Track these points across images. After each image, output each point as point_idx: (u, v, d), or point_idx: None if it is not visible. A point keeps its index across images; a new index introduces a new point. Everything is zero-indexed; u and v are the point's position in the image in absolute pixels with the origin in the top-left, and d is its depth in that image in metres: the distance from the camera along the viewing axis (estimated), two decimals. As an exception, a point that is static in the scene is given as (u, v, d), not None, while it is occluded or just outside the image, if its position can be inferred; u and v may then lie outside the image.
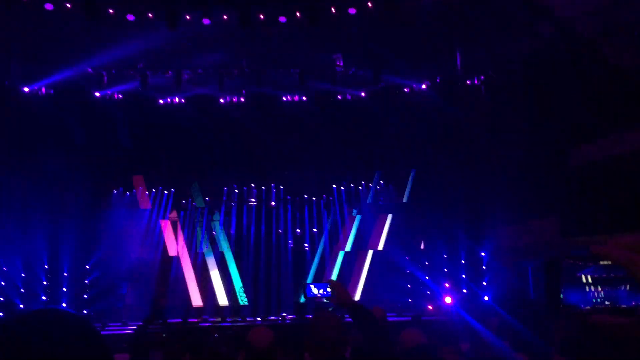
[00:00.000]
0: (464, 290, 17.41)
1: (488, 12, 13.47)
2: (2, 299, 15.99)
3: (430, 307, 17.82)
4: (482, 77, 16.92)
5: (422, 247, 19.57)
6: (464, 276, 17.60)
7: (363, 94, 18.19)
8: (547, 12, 12.89)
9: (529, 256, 15.95)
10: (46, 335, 1.09)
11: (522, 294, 15.94)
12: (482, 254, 17.29)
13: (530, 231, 16.00)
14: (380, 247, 20.06)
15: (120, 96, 17.59)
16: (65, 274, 17.50)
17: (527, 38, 13.69)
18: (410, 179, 20.06)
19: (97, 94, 17.09)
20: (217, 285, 19.64)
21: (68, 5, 12.58)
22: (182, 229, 20.14)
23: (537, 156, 15.51)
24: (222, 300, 19.50)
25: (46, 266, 17.25)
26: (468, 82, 16.83)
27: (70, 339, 1.10)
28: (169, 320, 17.20)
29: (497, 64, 15.76)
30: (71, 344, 1.10)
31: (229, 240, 20.15)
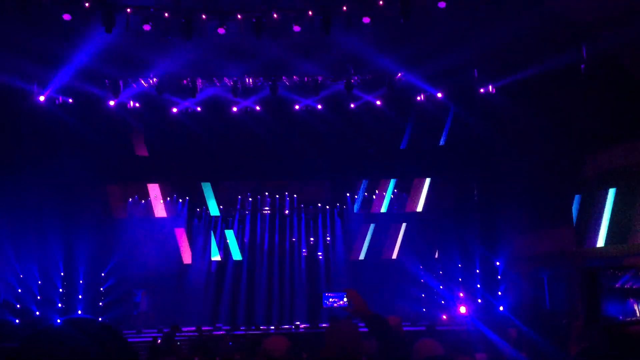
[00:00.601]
0: (479, 300, 17.28)
1: (502, 16, 13.38)
2: (18, 305, 16.14)
3: (444, 317, 17.69)
4: (497, 85, 16.82)
5: (436, 256, 19.47)
6: (478, 286, 17.47)
7: (378, 102, 18.11)
8: (562, 20, 12.82)
9: (544, 266, 15.82)
10: (79, 344, 1.11)
11: (539, 304, 15.79)
12: (497, 263, 17.15)
13: (545, 240, 15.88)
14: (394, 256, 19.99)
15: (137, 104, 17.69)
16: (81, 282, 17.63)
17: (543, 46, 13.61)
18: (425, 187, 20.00)
19: (112, 103, 17.17)
20: (231, 293, 19.68)
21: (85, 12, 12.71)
22: (197, 237, 20.22)
23: (552, 165, 15.41)
24: (236, 307, 19.55)
25: (62, 273, 17.39)
26: (482, 90, 16.74)
27: (101, 346, 1.12)
28: (183, 328, 17.26)
29: (512, 71, 15.66)
30: (103, 351, 1.12)
31: (243, 249, 20.21)
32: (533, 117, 15.32)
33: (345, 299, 3.45)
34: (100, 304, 18.17)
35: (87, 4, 12.64)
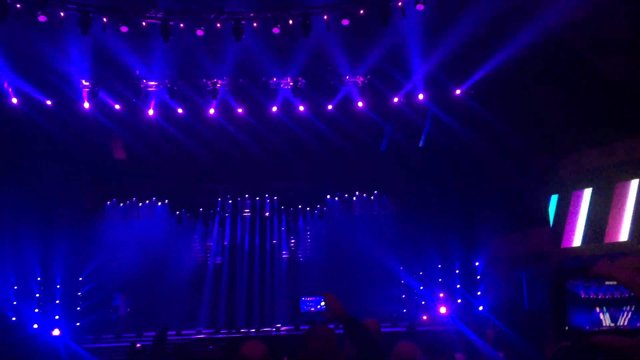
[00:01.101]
0: (459, 300, 17.42)
1: (478, 18, 13.53)
2: (-6, 311, 15.88)
3: (425, 317, 17.80)
4: (472, 87, 16.97)
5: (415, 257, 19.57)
6: (458, 286, 17.61)
7: (360, 104, 18.12)
8: (536, 21, 12.99)
9: (523, 266, 16.01)
10: None
11: (517, 303, 15.97)
12: (477, 263, 17.32)
13: (523, 241, 16.08)
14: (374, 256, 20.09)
15: (118, 107, 17.49)
16: (58, 286, 17.41)
17: (517, 46, 13.78)
18: (404, 189, 20.11)
19: (87, 105, 16.90)
20: (211, 296, 19.61)
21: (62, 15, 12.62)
22: (177, 239, 20.09)
23: (529, 166, 15.62)
24: (217, 311, 19.49)
25: (39, 278, 17.15)
26: (457, 91, 16.86)
27: None
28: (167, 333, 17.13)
29: (493, 72, 15.82)
30: None
31: (223, 251, 20.13)
32: (509, 119, 15.50)
33: (322, 303, 3.47)
34: (78, 308, 17.97)
35: (62, 13, 12.54)
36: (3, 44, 13.66)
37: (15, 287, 16.52)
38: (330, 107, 18.06)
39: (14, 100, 16.01)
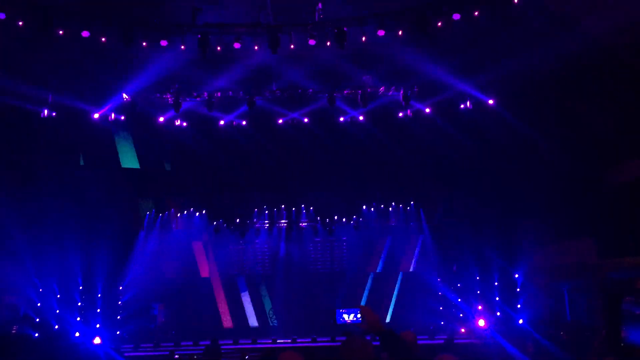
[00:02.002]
0: (498, 313, 17.07)
1: (516, 27, 13.37)
2: (38, 319, 16.28)
3: (462, 330, 17.49)
4: (510, 93, 16.74)
5: (454, 269, 19.29)
6: (497, 298, 17.26)
7: (402, 114, 18.02)
8: (577, 28, 12.74)
9: (564, 278, 15.60)
10: None
11: (559, 317, 15.56)
12: (516, 275, 16.94)
13: (565, 252, 15.67)
14: (412, 268, 19.87)
15: (162, 119, 17.84)
16: (99, 295, 17.76)
17: (558, 54, 13.53)
18: (442, 199, 19.89)
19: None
20: (247, 306, 19.71)
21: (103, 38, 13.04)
22: (214, 250, 20.30)
23: (572, 175, 15.23)
24: (253, 321, 19.56)
25: (81, 287, 17.53)
26: (490, 101, 16.64)
27: None
28: (200, 342, 17.29)
29: (530, 81, 15.58)
30: None
31: (260, 261, 20.23)
32: (554, 127, 15.20)
33: (359, 315, 3.43)
34: (118, 317, 18.29)
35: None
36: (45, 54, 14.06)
37: (58, 296, 16.92)
38: (361, 118, 18.10)
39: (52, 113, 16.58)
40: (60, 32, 12.77)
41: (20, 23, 12.43)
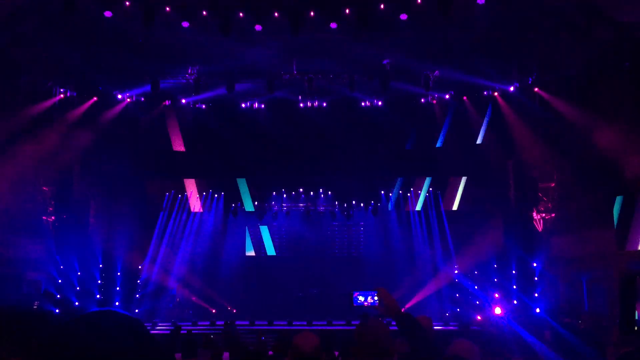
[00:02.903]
0: (515, 302, 16.97)
1: (544, 17, 13.17)
2: (58, 296, 16.57)
3: (479, 318, 17.44)
4: (537, 83, 16.53)
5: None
6: (514, 287, 17.15)
7: (424, 100, 17.93)
8: (607, 18, 12.50)
9: (583, 268, 15.44)
10: (102, 336, 1.13)
11: (577, 307, 15.43)
12: (534, 264, 16.81)
13: (584, 242, 15.48)
14: (429, 254, 19.82)
15: (184, 101, 17.97)
16: (119, 273, 18.02)
17: (585, 44, 13.30)
18: (460, 186, 19.77)
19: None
20: (264, 288, 19.84)
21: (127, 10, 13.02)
22: (232, 232, 20.43)
23: (592, 165, 15.00)
24: (269, 302, 19.74)
25: (101, 265, 17.79)
26: (510, 88, 16.46)
27: (124, 340, 1.15)
28: (217, 322, 17.49)
29: (554, 70, 15.36)
30: (125, 345, 1.14)
31: (277, 244, 20.33)
32: (577, 116, 14.97)
33: (376, 298, 3.42)
34: (137, 295, 18.55)
35: (127, 3, 12.91)
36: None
37: (79, 273, 17.19)
38: (380, 103, 18.00)
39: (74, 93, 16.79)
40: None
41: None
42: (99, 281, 17.75)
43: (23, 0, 12.40)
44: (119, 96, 17.19)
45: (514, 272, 17.26)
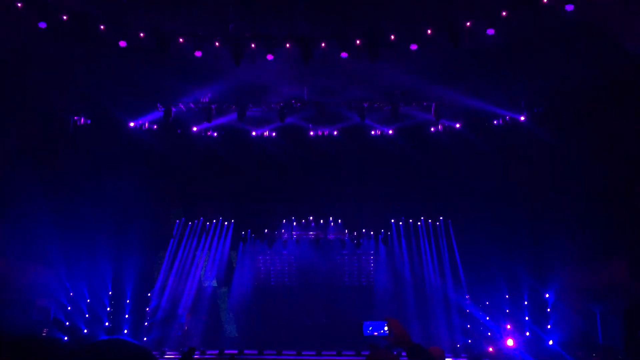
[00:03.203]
0: (527, 333, 16.71)
1: (551, 42, 13.25)
2: (67, 323, 16.54)
3: (490, 349, 17.16)
4: (542, 109, 16.55)
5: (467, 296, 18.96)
6: (527, 318, 16.91)
7: (433, 129, 18.03)
8: (613, 44, 12.54)
9: (596, 299, 15.21)
10: None
11: (591, 339, 15.16)
12: (547, 295, 16.58)
13: (598, 272, 15.29)
14: (439, 284, 19.62)
15: (195, 129, 18.17)
16: (128, 301, 17.97)
17: (592, 70, 13.33)
18: (472, 215, 19.67)
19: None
20: (273, 316, 19.70)
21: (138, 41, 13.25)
22: (242, 259, 20.37)
23: (605, 194, 14.89)
24: (278, 331, 19.54)
25: (110, 292, 17.77)
26: (521, 117, 16.50)
27: None
28: (225, 351, 17.33)
29: (561, 94, 15.37)
30: None
31: (287, 272, 20.23)
32: (586, 144, 14.94)
33: (385, 328, 3.38)
34: (146, 323, 18.46)
35: (141, 34, 13.16)
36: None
37: (88, 300, 17.17)
38: (390, 131, 18.07)
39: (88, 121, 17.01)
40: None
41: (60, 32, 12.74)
42: (108, 308, 17.71)
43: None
44: (131, 124, 17.38)
45: (526, 302, 17.04)
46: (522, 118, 16.74)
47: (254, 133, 18.39)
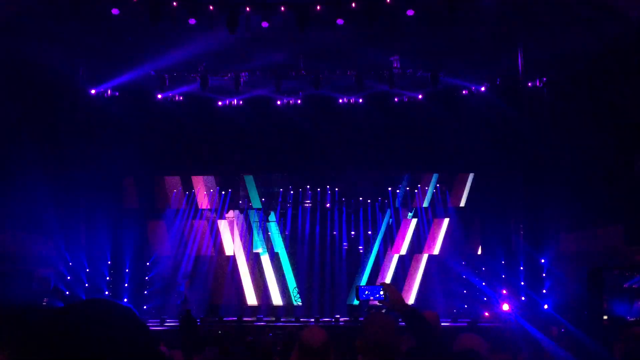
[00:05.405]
0: (523, 298, 16.93)
1: (551, 9, 13.10)
2: (67, 292, 16.67)
3: (486, 314, 17.42)
4: (545, 78, 16.46)
5: (479, 252, 19.17)
6: (522, 283, 17.11)
7: (420, 97, 18.03)
8: (613, 11, 12.40)
9: (592, 264, 15.35)
10: (93, 324, 1.14)
11: (584, 303, 15.36)
12: (542, 260, 16.75)
13: (593, 238, 15.40)
14: (436, 251, 19.79)
15: (181, 98, 18.10)
16: (127, 270, 18.12)
17: (592, 37, 13.21)
18: (468, 182, 19.73)
19: (159, 96, 17.68)
20: (271, 285, 19.88)
21: (133, 6, 13.04)
22: (239, 229, 20.46)
23: (601, 161, 14.91)
24: (277, 300, 19.73)
25: (109, 262, 17.89)
26: (529, 83, 16.40)
27: (116, 328, 1.16)
28: (224, 319, 17.56)
29: (561, 64, 15.28)
30: (117, 333, 1.15)
31: (284, 241, 20.34)
32: (586, 112, 14.90)
33: (381, 292, 3.42)
34: (145, 292, 18.64)
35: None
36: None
37: (88, 270, 17.29)
38: (396, 99, 18.01)
39: (92, 91, 16.88)
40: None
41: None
42: (108, 278, 17.85)
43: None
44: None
45: (521, 268, 17.21)
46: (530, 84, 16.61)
47: (225, 102, 18.48)
